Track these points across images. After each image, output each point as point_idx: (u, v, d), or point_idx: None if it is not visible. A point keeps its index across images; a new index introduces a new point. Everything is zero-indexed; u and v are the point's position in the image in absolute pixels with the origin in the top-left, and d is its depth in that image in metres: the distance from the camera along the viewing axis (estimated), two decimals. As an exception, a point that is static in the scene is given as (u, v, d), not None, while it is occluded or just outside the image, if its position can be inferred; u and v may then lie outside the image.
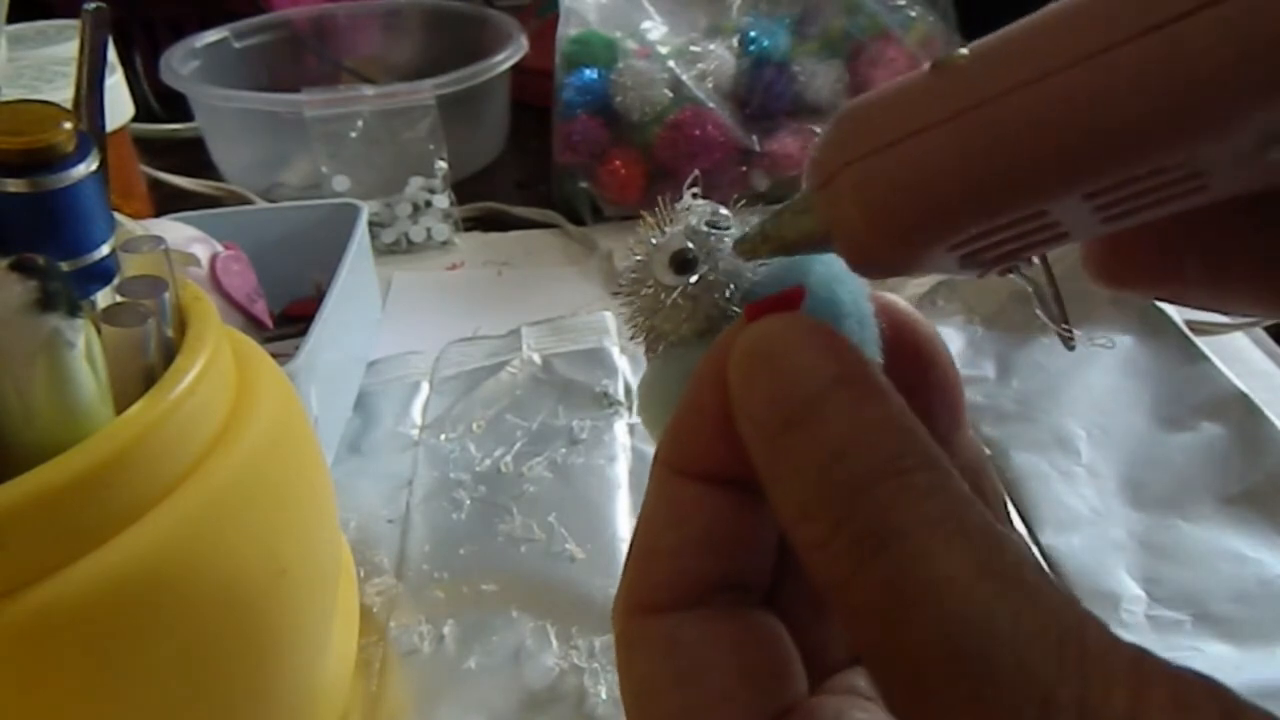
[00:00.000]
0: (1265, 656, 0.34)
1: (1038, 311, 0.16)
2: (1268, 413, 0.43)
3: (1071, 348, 0.17)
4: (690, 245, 0.17)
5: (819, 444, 0.13)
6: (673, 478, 0.15)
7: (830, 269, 0.16)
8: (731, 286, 0.16)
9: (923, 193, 0.13)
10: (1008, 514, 0.15)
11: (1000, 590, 0.11)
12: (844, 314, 0.16)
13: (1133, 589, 0.37)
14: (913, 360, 0.17)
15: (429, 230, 0.67)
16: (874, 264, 0.14)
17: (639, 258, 0.17)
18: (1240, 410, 0.44)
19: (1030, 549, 0.12)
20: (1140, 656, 0.11)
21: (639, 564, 0.15)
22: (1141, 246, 0.17)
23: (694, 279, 0.16)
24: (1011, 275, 0.15)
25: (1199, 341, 0.48)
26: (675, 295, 0.16)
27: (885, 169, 0.13)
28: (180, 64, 0.73)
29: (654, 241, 0.17)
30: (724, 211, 0.17)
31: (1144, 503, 0.41)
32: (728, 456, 0.14)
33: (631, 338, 0.18)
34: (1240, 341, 0.51)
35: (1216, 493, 0.41)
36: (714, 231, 0.17)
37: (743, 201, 0.18)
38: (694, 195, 0.17)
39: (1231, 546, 0.39)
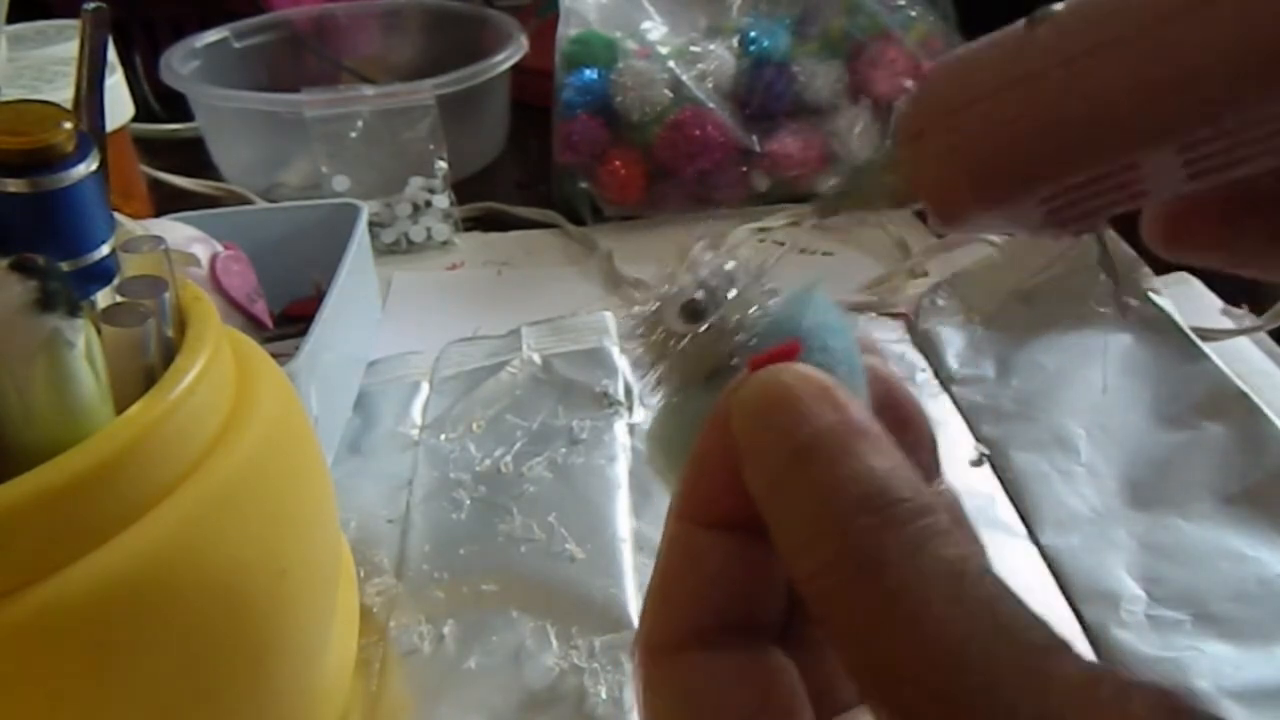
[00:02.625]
0: (1265, 656, 0.34)
1: (1101, 276, 0.17)
2: (1268, 411, 0.43)
3: (1125, 313, 0.18)
4: (700, 296, 0.18)
5: (814, 483, 0.14)
6: (687, 526, 0.16)
7: (824, 321, 0.17)
8: (739, 335, 0.18)
9: (1022, 146, 0.13)
10: (985, 554, 0.16)
11: (973, 618, 0.12)
12: (837, 363, 0.17)
13: (1133, 588, 0.37)
14: (892, 416, 0.18)
15: (429, 230, 0.67)
16: (961, 220, 0.14)
17: (653, 305, 0.19)
18: (1241, 409, 0.44)
19: (1007, 584, 0.13)
20: (1102, 678, 0.11)
21: (657, 606, 0.16)
22: (1205, 214, 0.17)
23: (703, 328, 0.18)
24: (1084, 236, 0.16)
25: (1199, 340, 0.48)
26: (685, 342, 0.18)
27: (983, 123, 0.13)
28: (180, 64, 0.73)
29: (667, 289, 0.18)
30: (733, 264, 0.18)
31: (1144, 502, 0.41)
32: (737, 503, 0.15)
33: (642, 374, 0.19)
34: (1240, 341, 0.51)
35: (1217, 492, 0.41)
36: (723, 283, 0.18)
37: (750, 256, 0.19)
38: (700, 248, 0.18)
39: (1231, 546, 0.38)
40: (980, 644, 0.12)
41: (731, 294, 0.18)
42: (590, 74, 0.67)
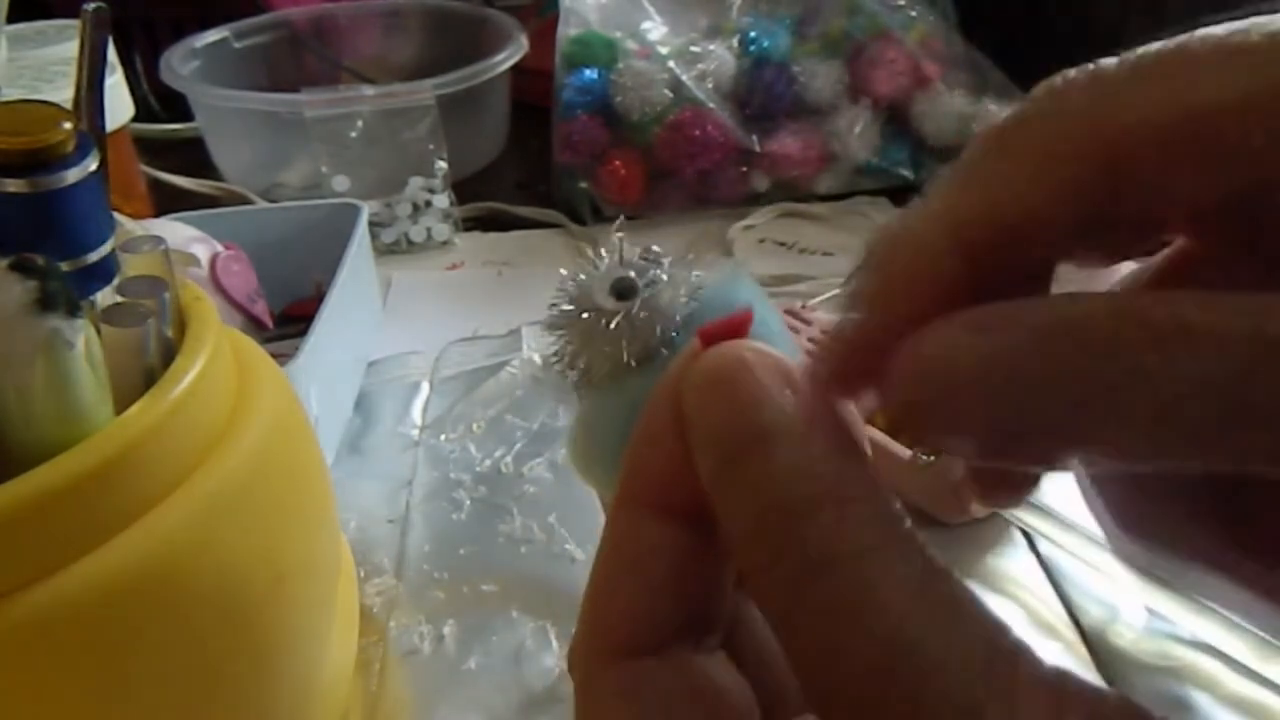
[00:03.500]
0: (1260, 664, 0.34)
1: None
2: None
3: None
4: (631, 274, 0.17)
5: (767, 471, 0.13)
6: (631, 514, 0.15)
7: (757, 299, 0.17)
8: (673, 314, 0.17)
9: None
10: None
11: (932, 616, 0.12)
12: (776, 341, 0.16)
13: (1132, 599, 0.37)
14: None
15: (429, 230, 0.67)
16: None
17: (575, 283, 0.18)
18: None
19: (962, 581, 0.12)
20: (1064, 679, 0.11)
21: (597, 607, 0.15)
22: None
23: (635, 306, 0.17)
24: None
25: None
26: (618, 319, 0.17)
27: None
28: (180, 64, 0.73)
29: (590, 273, 0.18)
30: (655, 248, 0.18)
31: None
32: (684, 486, 0.14)
33: (562, 370, 0.18)
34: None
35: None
36: (653, 261, 0.18)
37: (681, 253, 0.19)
38: (619, 237, 0.18)
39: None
40: (942, 644, 0.11)
41: (663, 274, 0.17)
42: (590, 74, 0.67)
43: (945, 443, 0.13)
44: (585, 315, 0.17)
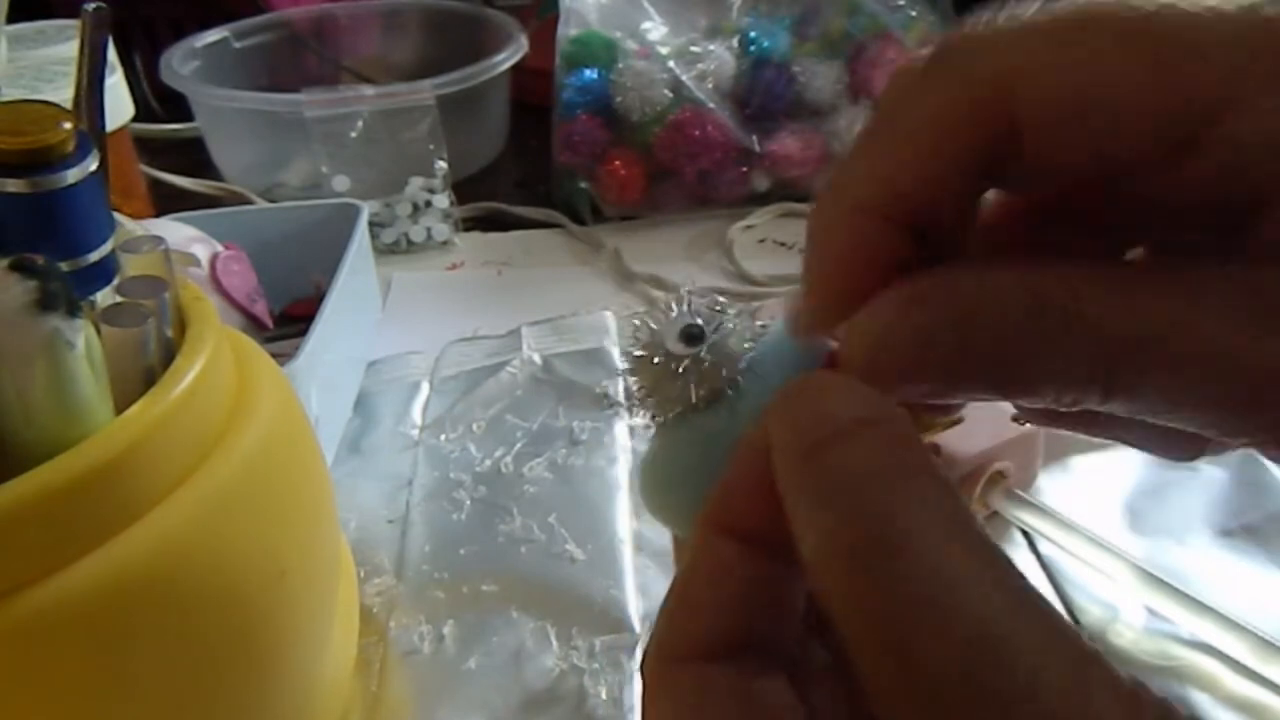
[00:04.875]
0: (1260, 664, 0.34)
1: None
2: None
3: None
4: (699, 320, 0.18)
5: (836, 465, 0.13)
6: (712, 535, 0.16)
7: (817, 347, 0.18)
8: (740, 356, 0.18)
9: None
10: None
11: (1017, 608, 0.11)
12: None
13: (1131, 599, 0.37)
14: None
15: (429, 230, 0.67)
16: None
17: (647, 330, 0.19)
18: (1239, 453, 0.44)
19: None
20: (1139, 687, 0.11)
21: (673, 614, 0.16)
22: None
23: (703, 350, 0.18)
24: None
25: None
26: (686, 363, 0.18)
27: None
28: (180, 64, 0.73)
29: (661, 321, 0.19)
30: (721, 299, 0.19)
31: (1142, 529, 0.41)
32: (768, 516, 0.15)
33: (639, 412, 0.19)
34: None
35: (1214, 525, 0.40)
36: (718, 312, 0.19)
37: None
38: (689, 292, 0.19)
39: (1229, 571, 0.38)
40: (1022, 642, 0.11)
41: (728, 322, 0.19)
42: (590, 74, 0.67)
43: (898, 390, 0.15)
44: (656, 360, 0.18)
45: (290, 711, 0.29)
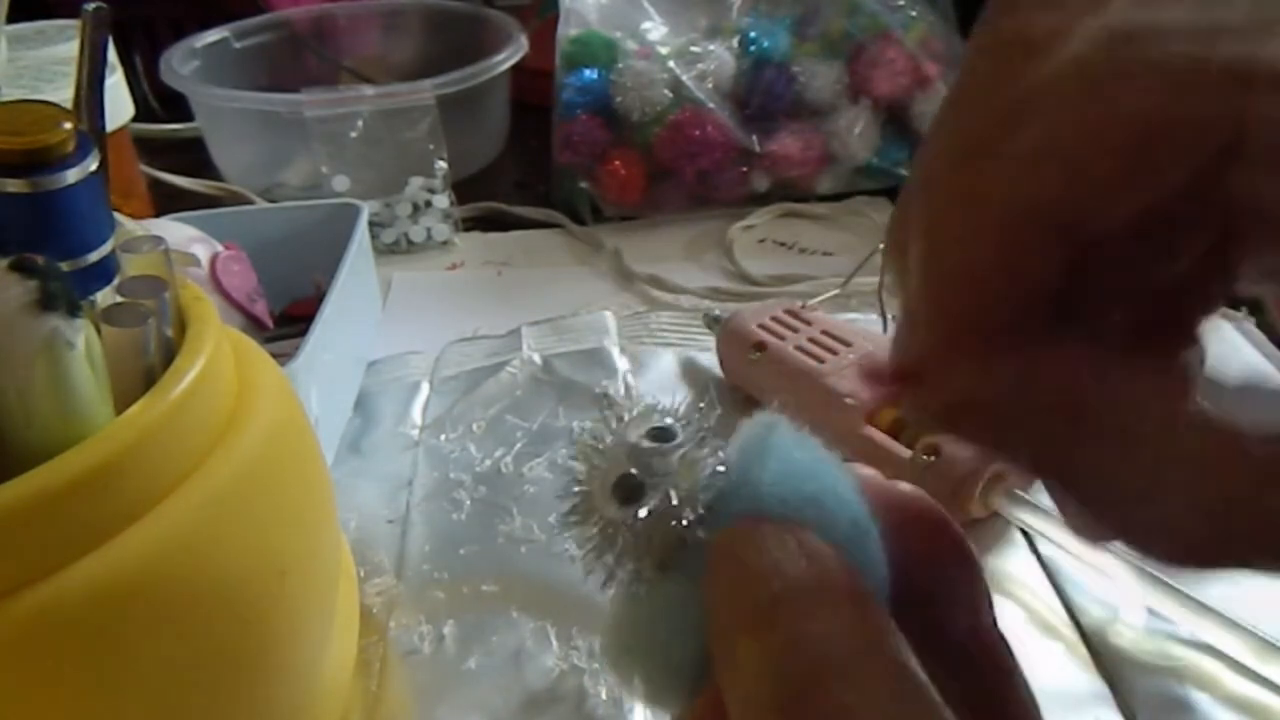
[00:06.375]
0: (1260, 664, 0.34)
1: None
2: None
3: None
4: (634, 471, 0.15)
5: (771, 648, 0.12)
6: None
7: (788, 469, 0.15)
8: (687, 511, 0.15)
9: None
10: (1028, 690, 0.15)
11: None
12: (806, 510, 0.14)
13: (1131, 600, 0.37)
14: (927, 547, 0.16)
15: (429, 230, 0.67)
16: None
17: (579, 488, 0.16)
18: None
19: None
20: None
21: None
22: None
23: (643, 511, 0.14)
24: None
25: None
26: (626, 530, 0.15)
27: None
28: (180, 64, 0.73)
29: (594, 464, 0.15)
30: (669, 421, 0.15)
31: None
32: None
33: (588, 574, 0.16)
34: (1242, 348, 0.51)
35: None
36: (659, 446, 0.15)
37: (697, 406, 0.16)
38: (621, 401, 0.17)
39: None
40: None
41: (673, 456, 0.15)
42: (590, 74, 0.67)
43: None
44: (593, 524, 0.15)
45: (290, 711, 0.29)
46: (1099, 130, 0.12)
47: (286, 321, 0.54)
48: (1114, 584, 0.38)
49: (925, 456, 0.38)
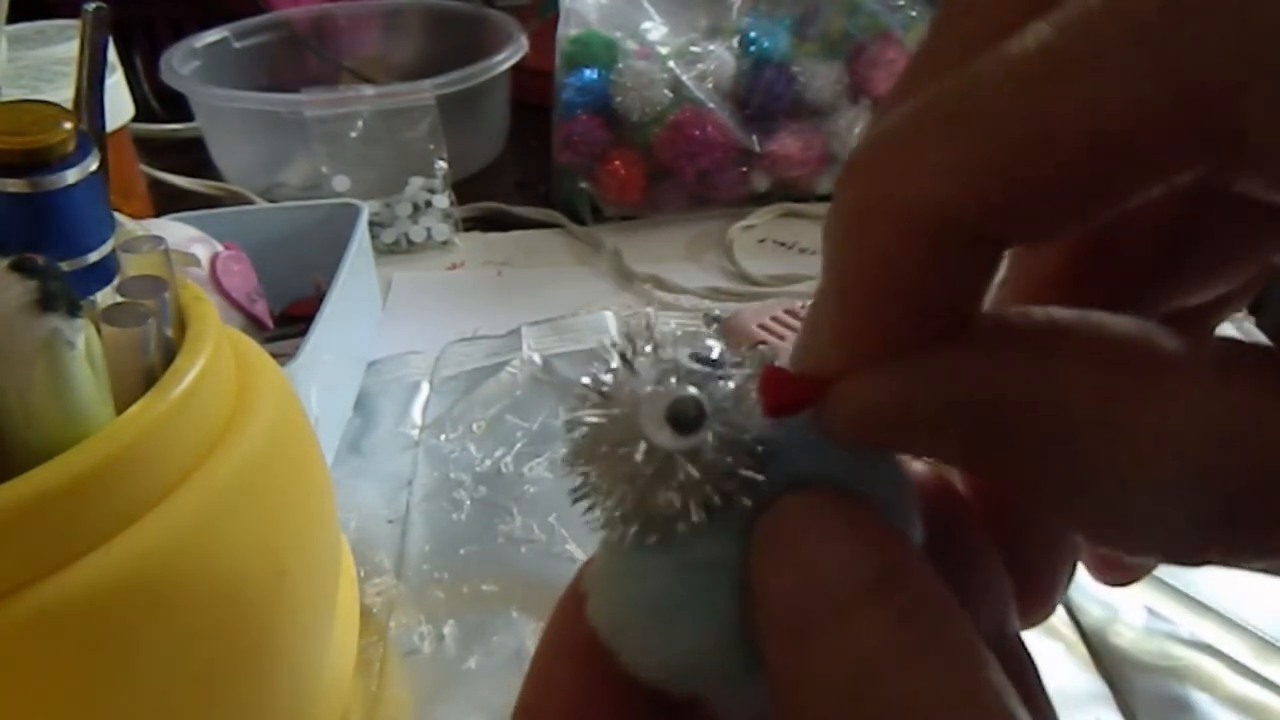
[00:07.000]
0: (1260, 664, 0.34)
1: None
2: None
3: None
4: (695, 393, 0.12)
5: (845, 657, 0.11)
6: None
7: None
8: (752, 444, 0.12)
9: None
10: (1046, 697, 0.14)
11: None
12: (880, 479, 0.12)
13: (1131, 599, 0.37)
14: (959, 546, 0.14)
15: (429, 230, 0.67)
16: None
17: (603, 395, 0.12)
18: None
19: None
20: None
21: None
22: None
23: (708, 439, 0.12)
24: None
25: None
26: (676, 459, 0.12)
27: None
28: (180, 64, 0.73)
29: (631, 386, 0.12)
30: (711, 343, 0.13)
31: None
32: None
33: (594, 519, 0.13)
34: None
35: None
36: (715, 370, 0.12)
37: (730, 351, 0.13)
38: (650, 314, 0.13)
39: (1228, 572, 0.38)
40: None
41: (731, 384, 0.12)
42: (590, 74, 0.67)
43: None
44: (622, 451, 0.12)
45: (290, 711, 0.29)
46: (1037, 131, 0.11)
47: (286, 321, 0.54)
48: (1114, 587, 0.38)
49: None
